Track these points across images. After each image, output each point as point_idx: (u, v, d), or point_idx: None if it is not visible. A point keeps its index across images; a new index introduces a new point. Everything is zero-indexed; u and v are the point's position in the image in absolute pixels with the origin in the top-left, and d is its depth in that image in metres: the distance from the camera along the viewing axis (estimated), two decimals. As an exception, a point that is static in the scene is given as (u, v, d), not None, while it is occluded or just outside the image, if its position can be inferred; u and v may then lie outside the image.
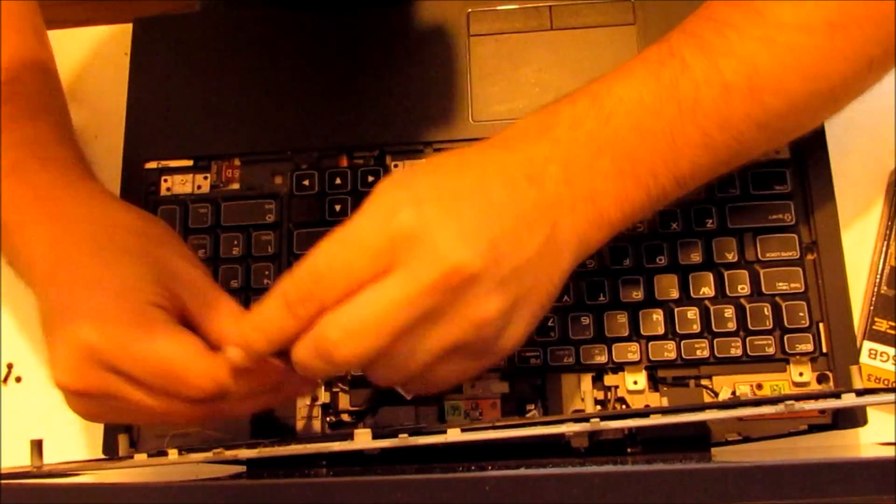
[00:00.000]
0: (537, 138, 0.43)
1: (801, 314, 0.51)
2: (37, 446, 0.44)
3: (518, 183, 0.41)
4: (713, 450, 0.49)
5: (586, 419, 0.40)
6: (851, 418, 0.50)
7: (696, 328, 0.51)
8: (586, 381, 0.52)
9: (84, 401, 0.44)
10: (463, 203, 0.40)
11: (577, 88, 0.44)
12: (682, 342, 0.51)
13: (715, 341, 0.51)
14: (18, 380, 0.59)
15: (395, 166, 0.56)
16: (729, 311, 0.51)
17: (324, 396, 0.53)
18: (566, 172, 0.42)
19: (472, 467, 0.44)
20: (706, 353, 0.51)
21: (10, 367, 0.58)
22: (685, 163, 0.43)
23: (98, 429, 0.53)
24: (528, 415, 0.52)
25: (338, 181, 0.56)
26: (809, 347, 0.51)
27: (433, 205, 0.39)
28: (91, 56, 0.65)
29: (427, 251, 0.38)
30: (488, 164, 0.42)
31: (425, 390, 0.44)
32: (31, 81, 0.55)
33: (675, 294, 0.52)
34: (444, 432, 0.40)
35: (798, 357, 0.51)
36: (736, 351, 0.51)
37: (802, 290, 0.51)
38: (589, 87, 0.44)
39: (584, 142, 0.42)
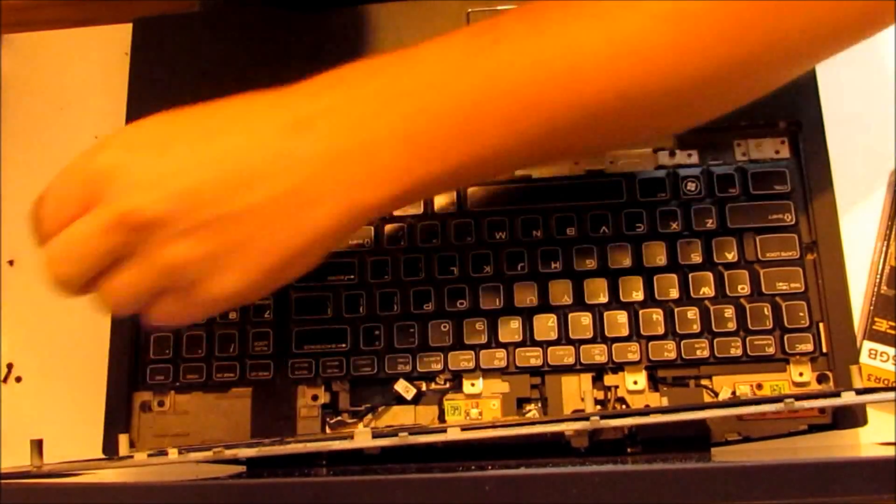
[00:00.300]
0: (328, 85, 0.42)
1: (801, 314, 0.51)
2: (37, 446, 0.44)
3: (263, 134, 0.40)
4: (713, 450, 0.49)
5: (586, 418, 0.40)
6: (851, 418, 0.50)
7: (696, 328, 0.51)
8: (586, 381, 0.52)
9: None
10: (172, 149, 0.40)
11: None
12: (682, 342, 0.51)
13: (715, 341, 0.51)
14: (19, 379, 0.59)
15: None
16: (729, 311, 0.51)
17: (324, 396, 0.53)
18: (347, 122, 0.40)
19: (472, 467, 0.44)
20: (706, 353, 0.51)
21: (9, 366, 0.59)
22: (486, 136, 0.41)
23: (98, 429, 0.53)
24: (528, 415, 0.52)
25: (338, 181, 0.56)
26: (809, 347, 0.51)
27: (138, 149, 0.41)
28: (91, 56, 0.65)
29: (112, 192, 0.40)
30: (244, 113, 0.42)
31: (159, 322, 0.44)
32: None
33: (675, 294, 0.52)
34: (444, 431, 0.40)
35: (798, 357, 0.51)
36: (736, 351, 0.51)
37: (802, 290, 0.51)
38: (404, 51, 0.42)
39: (374, 93, 0.41)
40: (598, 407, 0.51)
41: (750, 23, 0.39)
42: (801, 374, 0.51)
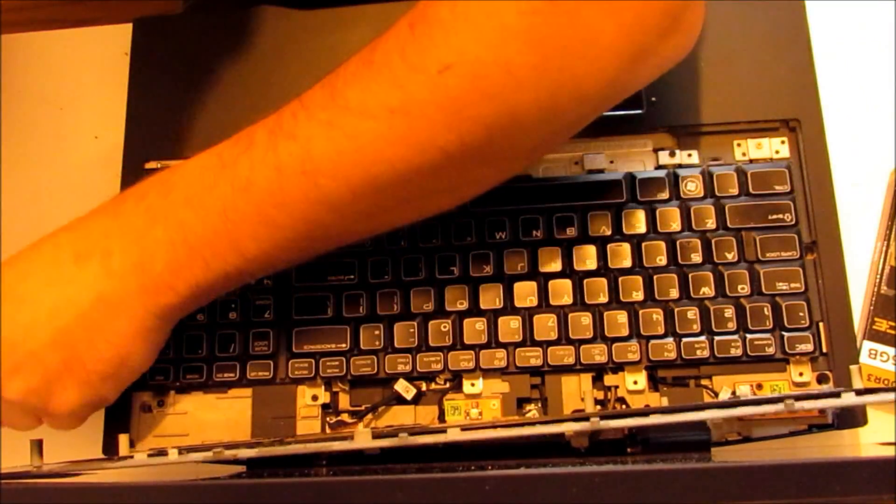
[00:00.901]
0: (103, 215, 0.48)
1: (801, 314, 0.51)
2: (37, 446, 0.44)
3: (59, 265, 0.47)
4: (713, 450, 0.49)
5: (586, 419, 0.40)
6: (851, 418, 0.50)
7: (696, 328, 0.51)
8: (586, 381, 0.52)
9: None
10: None
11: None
12: (682, 342, 0.51)
13: (715, 341, 0.51)
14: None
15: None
16: (729, 311, 0.51)
17: (324, 396, 0.53)
18: (121, 243, 0.46)
19: (472, 467, 0.44)
20: (706, 353, 0.51)
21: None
22: (246, 239, 0.45)
23: (98, 429, 0.53)
24: (528, 415, 0.52)
25: (338, 181, 0.56)
26: (809, 347, 0.51)
27: None
28: (91, 56, 0.65)
29: None
30: (42, 250, 0.48)
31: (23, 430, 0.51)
32: None
33: (674, 294, 0.52)
34: (444, 432, 0.40)
35: (798, 357, 0.51)
36: (736, 351, 0.51)
37: (802, 290, 0.51)
38: (169, 170, 0.48)
39: (142, 213, 0.47)
40: (598, 407, 0.51)
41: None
42: (801, 374, 0.51)
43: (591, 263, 0.52)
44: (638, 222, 0.53)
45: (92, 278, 0.46)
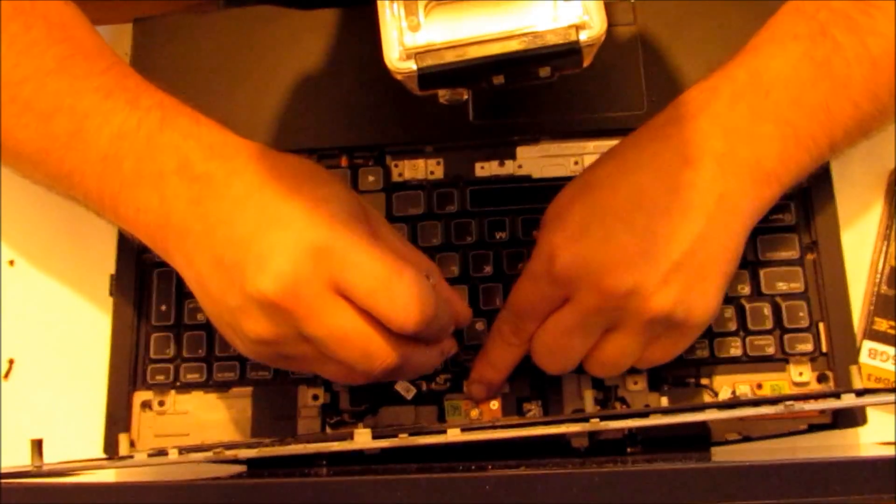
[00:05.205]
0: (694, 117, 0.47)
1: (801, 314, 0.51)
2: (37, 446, 0.44)
3: (672, 173, 0.46)
4: (713, 450, 0.49)
5: (586, 419, 0.40)
6: (851, 418, 0.50)
7: (696, 328, 0.51)
8: (586, 381, 0.52)
9: (281, 327, 0.44)
10: (613, 225, 0.45)
11: (729, 63, 0.48)
12: (682, 342, 0.51)
13: (715, 341, 0.51)
14: (7, 374, 0.59)
15: (395, 166, 0.56)
16: (729, 311, 0.51)
17: (324, 396, 0.53)
18: (727, 143, 0.46)
19: (472, 467, 0.44)
20: (706, 353, 0.51)
21: (11, 362, 0.58)
22: (839, 130, 0.47)
23: (98, 429, 0.53)
24: (528, 415, 0.52)
25: (338, 181, 0.56)
26: (809, 347, 0.51)
27: (583, 241, 0.45)
28: (91, 56, 0.65)
29: (584, 284, 0.45)
30: (642, 162, 0.47)
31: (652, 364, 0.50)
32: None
33: (675, 294, 0.52)
34: (444, 432, 0.40)
35: (798, 357, 0.51)
36: (736, 351, 0.51)
37: (802, 290, 0.51)
38: (742, 61, 0.48)
39: (744, 113, 0.46)
40: (598, 407, 0.51)
41: None
42: (800, 374, 0.51)
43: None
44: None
45: (708, 179, 0.46)
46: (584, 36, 0.36)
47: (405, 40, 0.36)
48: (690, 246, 0.45)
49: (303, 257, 0.43)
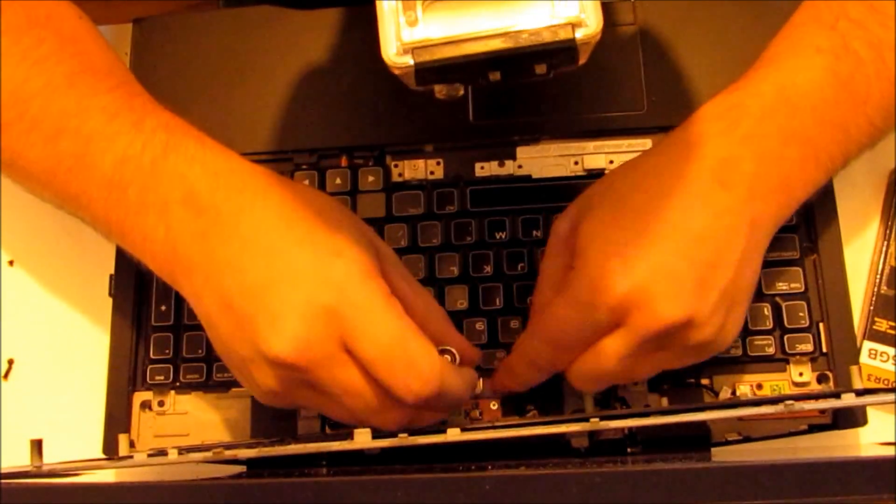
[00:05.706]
0: (725, 135, 0.46)
1: (801, 314, 0.51)
2: (37, 446, 0.44)
3: (709, 193, 0.45)
4: (713, 450, 0.49)
5: (586, 419, 0.40)
6: (851, 418, 0.50)
7: (696, 328, 0.51)
8: (586, 381, 0.52)
9: (291, 379, 0.44)
10: (664, 249, 0.44)
11: (752, 74, 0.47)
12: (682, 342, 0.51)
13: (715, 341, 0.51)
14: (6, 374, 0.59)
15: (395, 166, 0.56)
16: (729, 311, 0.51)
17: (324, 396, 0.53)
18: (759, 167, 0.45)
19: (472, 467, 0.44)
20: (706, 353, 0.51)
21: (10, 362, 0.58)
22: (854, 147, 0.47)
23: (98, 429, 0.53)
24: (528, 415, 0.52)
25: (338, 181, 0.56)
26: (809, 347, 0.51)
27: (637, 268, 0.44)
28: (91, 56, 0.65)
29: (642, 313, 0.44)
30: (676, 180, 0.45)
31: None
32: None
33: (675, 294, 0.52)
34: (444, 432, 0.40)
35: (798, 357, 0.51)
36: (736, 351, 0.51)
37: (802, 290, 0.51)
38: (767, 74, 0.47)
39: (773, 134, 0.46)
40: (598, 407, 0.51)
41: None
42: (801, 374, 0.51)
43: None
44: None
45: (741, 202, 0.45)
46: (579, 34, 0.36)
47: (402, 35, 0.36)
48: (734, 274, 0.45)
49: (315, 319, 0.43)
